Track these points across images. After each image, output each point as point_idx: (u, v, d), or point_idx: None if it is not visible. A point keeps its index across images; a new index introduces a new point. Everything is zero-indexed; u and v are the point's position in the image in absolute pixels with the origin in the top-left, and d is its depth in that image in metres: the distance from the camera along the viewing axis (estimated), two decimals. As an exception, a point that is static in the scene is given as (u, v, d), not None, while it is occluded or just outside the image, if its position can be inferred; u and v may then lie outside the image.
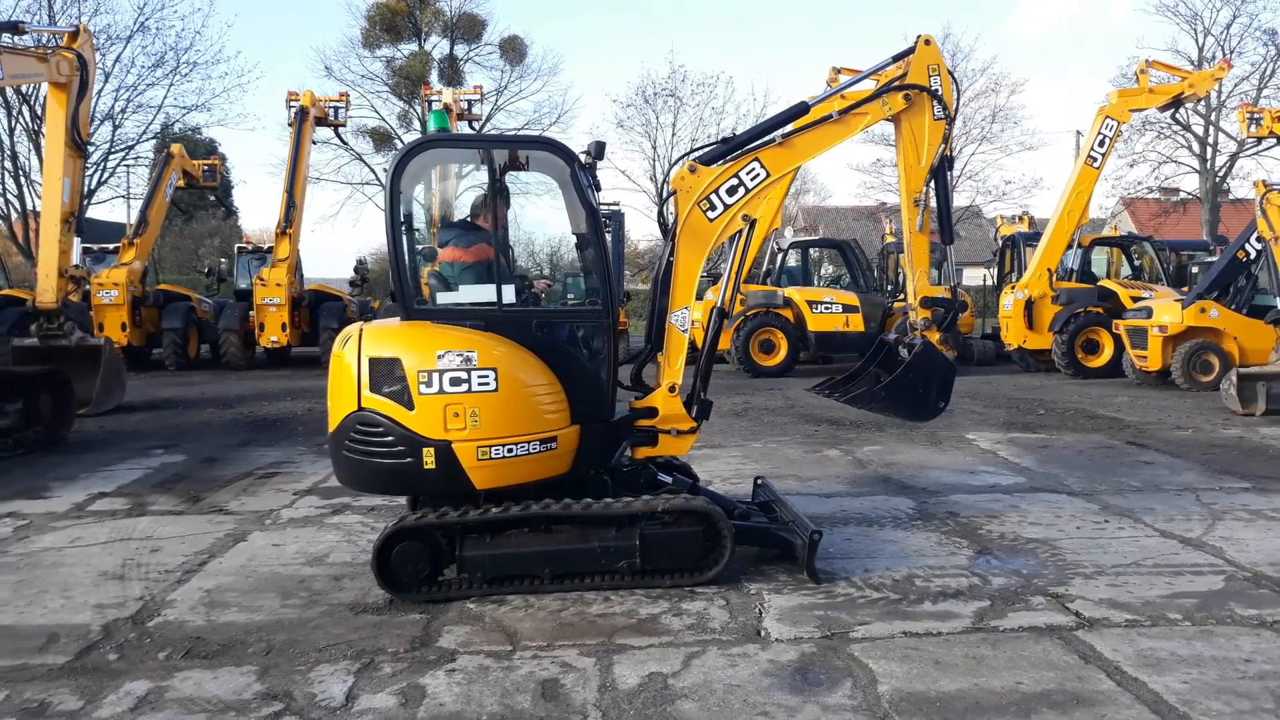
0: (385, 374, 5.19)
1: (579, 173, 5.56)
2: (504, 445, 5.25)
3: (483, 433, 5.21)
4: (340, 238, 64.90)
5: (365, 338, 5.29)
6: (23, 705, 4.08)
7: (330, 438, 5.44)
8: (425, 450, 5.17)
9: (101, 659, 4.59)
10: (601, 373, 5.71)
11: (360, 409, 5.21)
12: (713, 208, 5.91)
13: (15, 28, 12.19)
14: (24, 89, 27.82)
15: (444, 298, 5.69)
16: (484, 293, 5.61)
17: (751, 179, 5.96)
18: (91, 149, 24.55)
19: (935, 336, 6.68)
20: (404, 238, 5.51)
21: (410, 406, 5.16)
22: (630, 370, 6.06)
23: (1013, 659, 4.44)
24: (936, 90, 6.36)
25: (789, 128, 6.07)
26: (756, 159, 5.96)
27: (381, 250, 44.92)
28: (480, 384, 5.22)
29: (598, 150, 5.74)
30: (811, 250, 21.92)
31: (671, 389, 5.86)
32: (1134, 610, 5.07)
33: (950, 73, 6.49)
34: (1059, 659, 4.44)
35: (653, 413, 5.87)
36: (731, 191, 5.91)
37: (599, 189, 5.89)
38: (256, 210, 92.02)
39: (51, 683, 4.31)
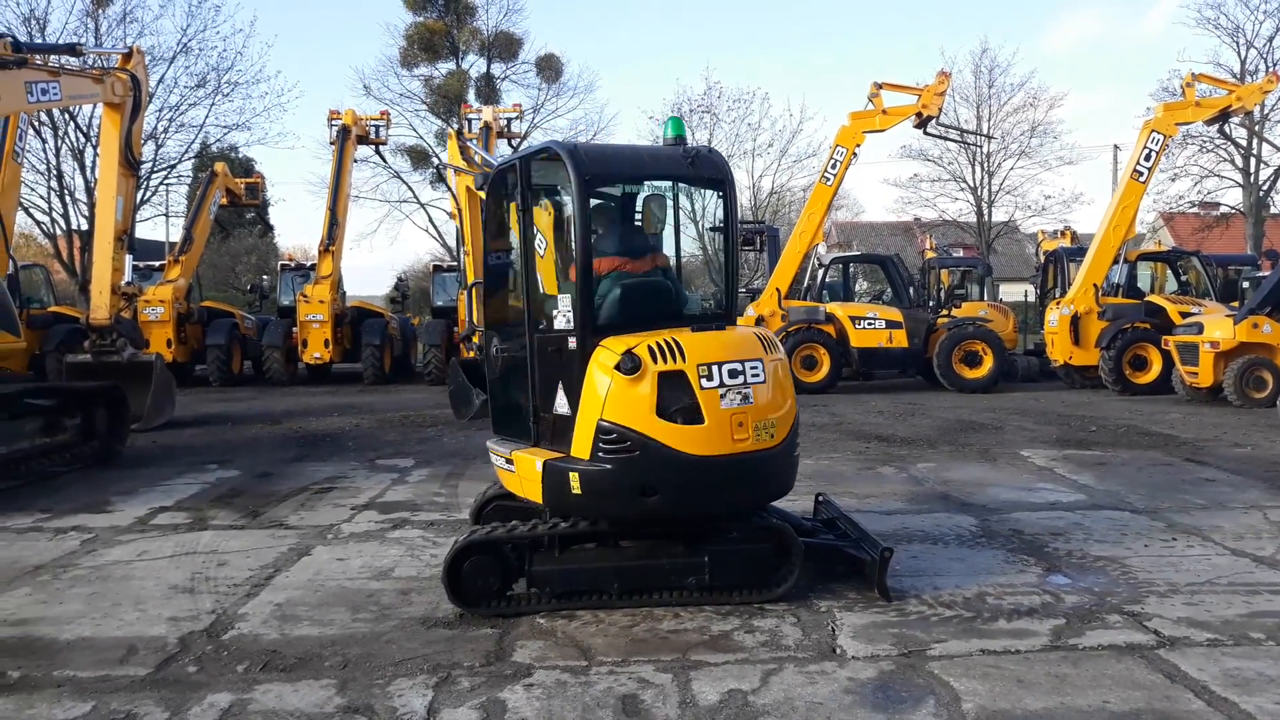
0: None
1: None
2: None
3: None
4: (377, 255, 65.73)
5: None
6: (110, 716, 4.12)
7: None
8: None
9: (182, 671, 4.62)
10: None
11: None
12: None
13: (73, 50, 12.43)
14: (71, 108, 28.27)
15: None
16: None
17: None
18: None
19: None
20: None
21: None
22: None
23: (1096, 677, 4.38)
24: None
25: None
26: None
27: (417, 266, 45.20)
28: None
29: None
30: (851, 265, 21.91)
31: None
32: (1215, 629, 4.98)
33: None
34: (1144, 678, 4.37)
35: None
36: None
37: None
38: (293, 227, 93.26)
39: (135, 694, 4.35)
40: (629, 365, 5.01)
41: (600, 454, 5.07)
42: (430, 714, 4.10)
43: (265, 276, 24.94)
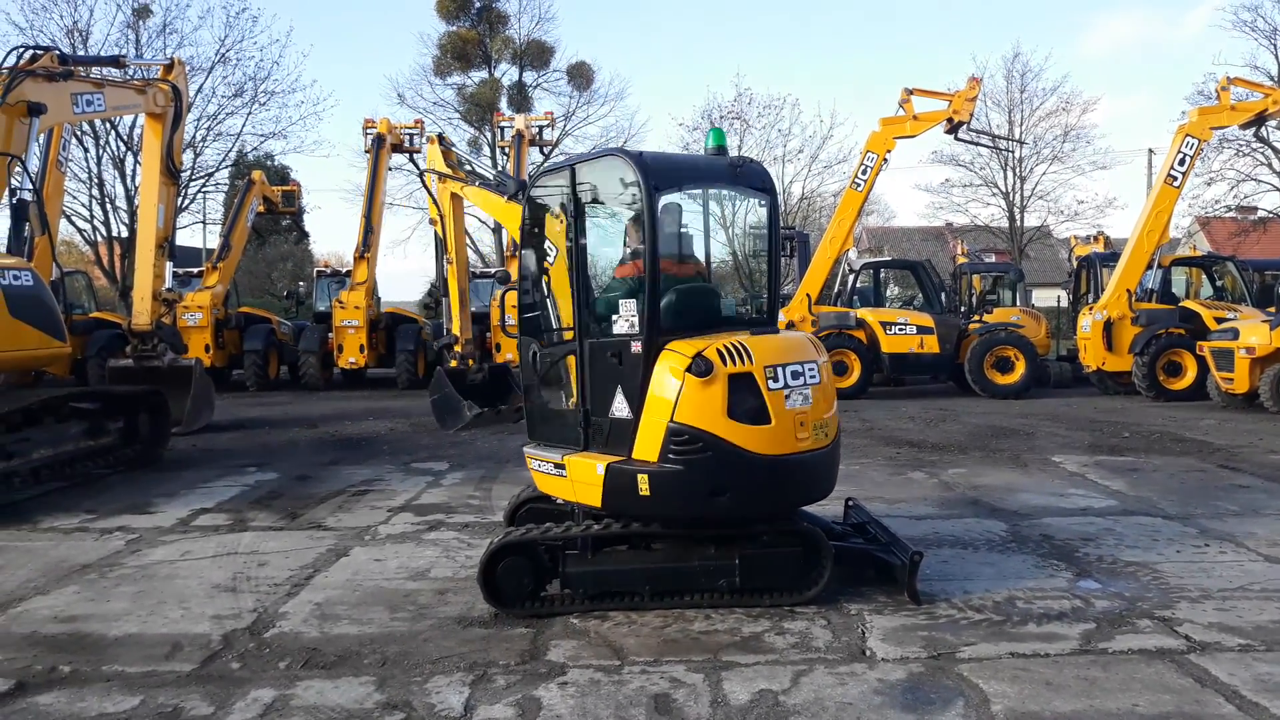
0: None
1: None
2: None
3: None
4: (415, 261, 66.47)
5: None
6: (158, 710, 4.26)
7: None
8: None
9: (225, 667, 4.76)
10: None
11: None
12: None
13: (116, 62, 12.74)
14: (112, 118, 28.77)
15: None
16: None
17: None
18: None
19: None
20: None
21: None
22: None
23: (1125, 681, 4.41)
24: None
25: None
26: None
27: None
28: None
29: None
30: (882, 271, 21.88)
31: None
32: (1246, 635, 4.99)
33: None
34: (1173, 682, 4.40)
35: None
36: None
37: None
38: (327, 234, 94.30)
39: (181, 689, 4.49)
40: (701, 368, 5.11)
41: (670, 455, 5.16)
42: (467, 711, 4.21)
43: (301, 283, 25.18)
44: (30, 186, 10.27)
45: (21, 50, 11.01)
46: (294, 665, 4.76)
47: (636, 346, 5.29)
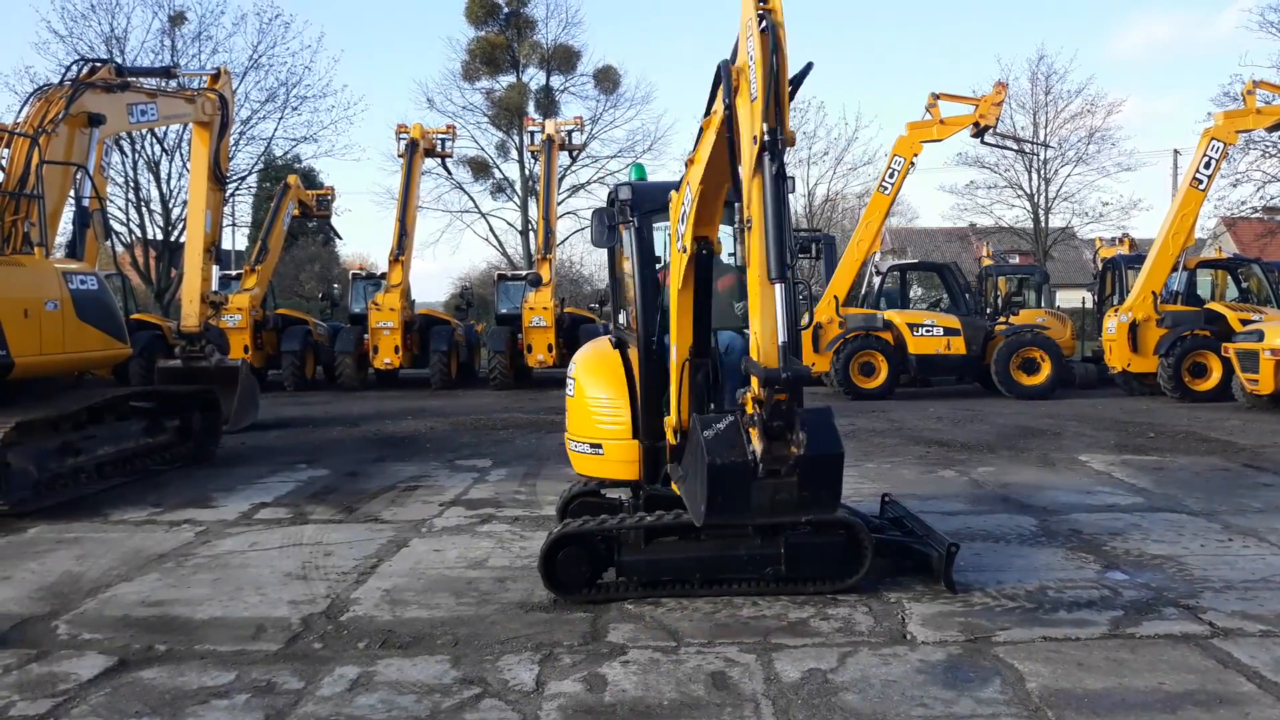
0: None
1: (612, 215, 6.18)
2: (571, 441, 6.54)
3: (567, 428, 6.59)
4: (440, 263, 67.37)
5: None
6: (253, 683, 4.62)
7: None
8: None
9: (308, 647, 5.12)
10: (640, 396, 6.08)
11: None
12: (679, 238, 5.50)
13: (168, 72, 13.16)
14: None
15: None
16: None
17: (687, 201, 5.42)
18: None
19: None
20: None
21: None
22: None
23: (1152, 662, 4.71)
24: None
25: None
26: (685, 180, 5.51)
27: (472, 274, 46.15)
28: (569, 390, 6.60)
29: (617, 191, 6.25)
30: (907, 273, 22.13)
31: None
32: (1268, 622, 5.27)
33: None
34: (1198, 663, 4.69)
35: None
36: (683, 219, 5.44)
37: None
38: (354, 236, 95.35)
39: (271, 666, 4.85)
40: None
41: None
42: (539, 686, 4.55)
43: (336, 285, 25.67)
44: (92, 194, 10.68)
45: (81, 63, 11.48)
46: (372, 645, 5.12)
47: None
